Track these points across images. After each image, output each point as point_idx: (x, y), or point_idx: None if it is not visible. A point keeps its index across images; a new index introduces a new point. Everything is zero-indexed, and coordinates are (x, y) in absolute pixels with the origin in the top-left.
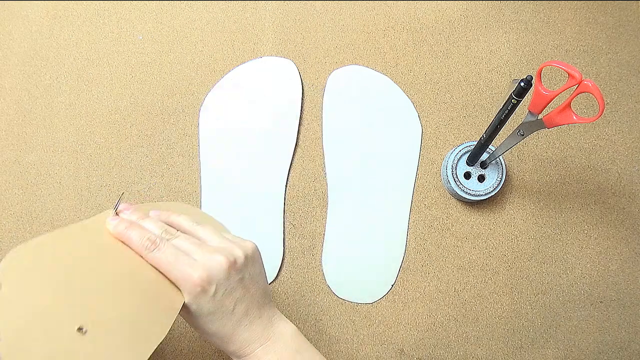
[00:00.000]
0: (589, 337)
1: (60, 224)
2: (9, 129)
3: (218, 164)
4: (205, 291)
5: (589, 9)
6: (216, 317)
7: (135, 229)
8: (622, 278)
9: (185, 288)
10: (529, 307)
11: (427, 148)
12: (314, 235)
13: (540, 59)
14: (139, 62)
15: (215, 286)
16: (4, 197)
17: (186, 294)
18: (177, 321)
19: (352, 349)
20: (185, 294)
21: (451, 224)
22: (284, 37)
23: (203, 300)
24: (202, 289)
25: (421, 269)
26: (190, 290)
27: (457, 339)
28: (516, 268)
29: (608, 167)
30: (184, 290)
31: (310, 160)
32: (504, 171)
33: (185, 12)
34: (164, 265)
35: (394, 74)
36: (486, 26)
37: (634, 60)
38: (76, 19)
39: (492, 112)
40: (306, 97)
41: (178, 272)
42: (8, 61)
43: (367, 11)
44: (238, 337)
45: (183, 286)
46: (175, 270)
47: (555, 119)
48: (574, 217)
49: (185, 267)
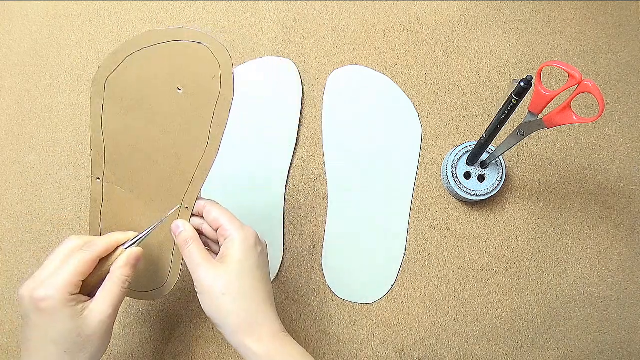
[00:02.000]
0: (589, 337)
1: (60, 224)
2: (9, 129)
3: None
4: (256, 246)
5: (589, 9)
6: (255, 276)
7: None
8: (622, 278)
9: (239, 237)
10: (529, 307)
11: (427, 148)
12: (314, 235)
13: (540, 59)
14: None
15: (262, 249)
16: (4, 197)
17: (239, 243)
18: (177, 321)
19: (352, 349)
20: (238, 243)
21: (451, 224)
22: (284, 37)
23: (252, 254)
24: (254, 242)
25: (421, 269)
26: (245, 240)
27: (457, 339)
28: (516, 268)
29: (608, 167)
30: (234, 240)
31: (310, 160)
32: (504, 171)
33: (185, 12)
34: (224, 215)
35: (394, 74)
36: (486, 26)
37: (634, 60)
38: (76, 19)
39: (492, 112)
40: (306, 97)
41: (236, 222)
42: (8, 61)
43: (367, 11)
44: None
45: (239, 235)
46: (235, 221)
47: (555, 119)
48: (574, 217)
49: (241, 223)
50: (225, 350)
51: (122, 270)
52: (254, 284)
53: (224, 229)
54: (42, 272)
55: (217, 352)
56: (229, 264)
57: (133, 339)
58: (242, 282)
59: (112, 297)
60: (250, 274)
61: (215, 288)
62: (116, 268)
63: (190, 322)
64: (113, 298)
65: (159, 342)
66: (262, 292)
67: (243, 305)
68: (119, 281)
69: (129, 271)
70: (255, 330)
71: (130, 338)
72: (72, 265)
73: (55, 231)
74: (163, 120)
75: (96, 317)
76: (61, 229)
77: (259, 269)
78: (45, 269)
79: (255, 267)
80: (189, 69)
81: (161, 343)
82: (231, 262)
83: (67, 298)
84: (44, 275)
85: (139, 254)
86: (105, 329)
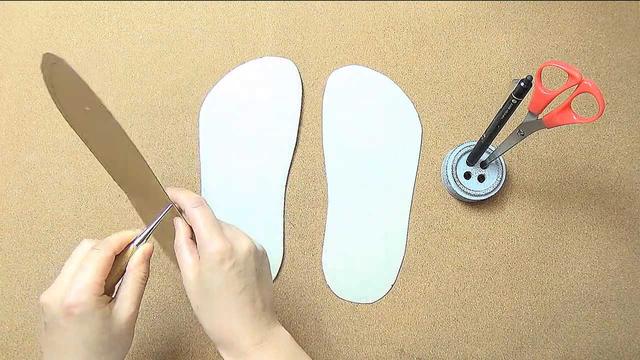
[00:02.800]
0: (589, 337)
1: (60, 224)
2: (9, 129)
3: (218, 164)
4: (222, 263)
5: (589, 9)
6: (222, 295)
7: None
8: (622, 278)
9: (205, 252)
10: (529, 307)
11: (427, 148)
12: (314, 235)
13: (540, 59)
14: (139, 62)
15: (233, 263)
16: (4, 197)
17: (204, 259)
18: (176, 322)
19: (352, 349)
20: (203, 259)
21: (451, 224)
22: (284, 37)
23: (216, 271)
24: (220, 260)
25: (421, 269)
26: (209, 257)
27: (457, 339)
28: (516, 268)
29: (608, 167)
30: (202, 255)
31: (310, 160)
32: (504, 171)
33: (185, 12)
34: (198, 223)
35: (394, 74)
36: (486, 26)
37: (634, 60)
38: (76, 19)
39: (492, 112)
40: (306, 97)
41: (206, 234)
42: (8, 61)
43: (367, 11)
44: (234, 327)
45: (204, 250)
46: (205, 232)
47: (555, 119)
48: (574, 217)
49: (214, 234)
50: None
51: (140, 268)
52: (222, 301)
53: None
54: (63, 278)
55: (216, 352)
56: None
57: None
58: (210, 299)
59: (134, 295)
60: (217, 292)
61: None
62: (133, 266)
63: (190, 322)
64: (135, 296)
65: (159, 342)
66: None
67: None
68: (138, 278)
69: (145, 268)
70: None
71: None
72: (93, 266)
73: (55, 231)
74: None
75: (123, 316)
76: (61, 229)
77: (226, 286)
78: (65, 275)
79: (223, 285)
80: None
81: (161, 343)
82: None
83: (97, 300)
84: (66, 280)
85: (151, 250)
86: (131, 327)
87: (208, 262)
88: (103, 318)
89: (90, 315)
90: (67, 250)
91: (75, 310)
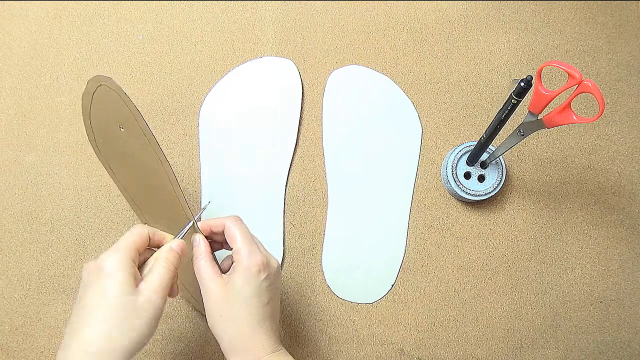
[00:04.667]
0: (589, 337)
1: (60, 224)
2: (9, 129)
3: (218, 164)
4: (259, 274)
5: (589, 9)
6: (250, 305)
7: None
8: (622, 278)
9: (243, 263)
10: (529, 307)
11: (427, 148)
12: (314, 235)
13: (540, 59)
14: (139, 62)
15: (266, 275)
16: (4, 197)
17: (241, 269)
18: (177, 321)
19: (352, 349)
20: (240, 269)
21: (451, 224)
22: (284, 37)
23: (252, 281)
24: (257, 270)
25: (421, 269)
26: (248, 268)
27: (457, 339)
28: (516, 268)
29: (608, 167)
30: (239, 265)
31: (310, 160)
32: (504, 171)
33: (185, 12)
34: (239, 236)
35: (394, 74)
36: (486, 26)
37: (634, 60)
38: (76, 19)
39: (492, 112)
40: (306, 97)
41: (247, 246)
42: (8, 61)
43: (367, 11)
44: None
45: (244, 261)
46: (246, 245)
47: (555, 119)
48: (574, 217)
49: (254, 247)
50: None
51: (168, 253)
52: (250, 310)
53: (235, 251)
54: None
55: (216, 352)
56: (229, 290)
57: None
58: (238, 308)
59: (161, 277)
60: (246, 301)
61: (214, 308)
62: (163, 252)
63: (190, 322)
64: (161, 279)
65: (159, 342)
66: (257, 317)
67: (234, 331)
68: (166, 263)
69: (174, 256)
70: (243, 354)
71: None
72: (129, 236)
73: (55, 231)
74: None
75: (147, 294)
76: (61, 229)
77: (257, 296)
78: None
79: (254, 294)
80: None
81: (161, 343)
82: (231, 288)
83: (126, 262)
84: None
85: (183, 244)
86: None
87: (245, 272)
88: (129, 283)
89: (118, 273)
90: (67, 250)
91: (104, 265)
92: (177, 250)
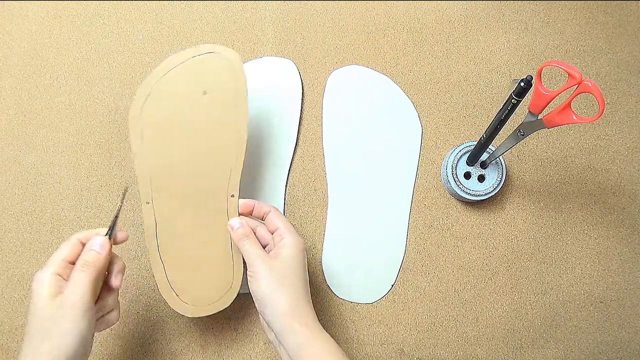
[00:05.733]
0: (589, 337)
1: (60, 224)
2: (9, 129)
3: None
4: (303, 251)
5: (589, 9)
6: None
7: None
8: (622, 278)
9: (289, 243)
10: (529, 307)
11: (427, 148)
12: (314, 235)
13: (540, 59)
14: (139, 62)
15: (304, 255)
16: (4, 197)
17: (289, 247)
18: (177, 321)
19: (352, 349)
20: (288, 247)
21: (451, 224)
22: (284, 37)
23: (298, 257)
24: (303, 248)
25: (421, 269)
26: (294, 247)
27: (457, 339)
28: (516, 268)
29: (608, 167)
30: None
31: (310, 160)
32: (504, 171)
33: (185, 12)
34: (282, 221)
35: (394, 74)
36: (486, 26)
37: (634, 60)
38: (76, 19)
39: (492, 112)
40: (306, 97)
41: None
42: (8, 61)
43: (367, 11)
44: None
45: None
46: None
47: (555, 119)
48: (574, 217)
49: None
50: (225, 351)
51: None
52: (301, 279)
53: (280, 233)
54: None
55: (216, 352)
56: (283, 260)
57: (133, 339)
58: (293, 275)
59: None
60: (297, 270)
61: (272, 276)
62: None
63: (190, 322)
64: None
65: (159, 342)
66: (304, 288)
67: (294, 294)
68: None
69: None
70: (301, 315)
71: (130, 338)
72: (57, 251)
73: (55, 231)
74: (195, 124)
75: (66, 300)
76: (61, 229)
77: (303, 269)
78: None
79: (301, 267)
80: (205, 76)
81: (161, 343)
82: (285, 259)
83: (49, 278)
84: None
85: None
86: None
87: (293, 248)
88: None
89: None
90: None
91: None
92: (97, 249)
